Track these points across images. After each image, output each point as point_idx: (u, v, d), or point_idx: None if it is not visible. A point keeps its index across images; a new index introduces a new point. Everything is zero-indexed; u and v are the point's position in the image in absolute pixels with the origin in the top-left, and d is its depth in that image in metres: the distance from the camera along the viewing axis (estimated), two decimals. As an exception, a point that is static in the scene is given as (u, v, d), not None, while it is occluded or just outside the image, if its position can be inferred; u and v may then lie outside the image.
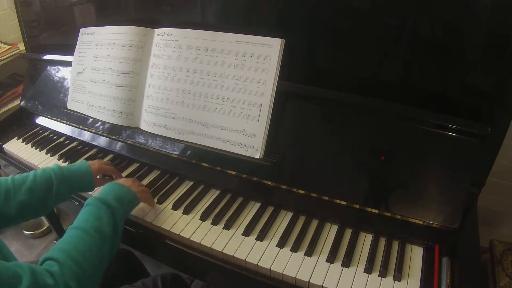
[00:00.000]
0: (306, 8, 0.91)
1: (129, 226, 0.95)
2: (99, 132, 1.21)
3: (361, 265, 0.80)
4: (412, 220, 0.82)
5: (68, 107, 1.27)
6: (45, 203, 0.86)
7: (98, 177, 0.99)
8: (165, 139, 1.06)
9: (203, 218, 0.93)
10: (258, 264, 0.81)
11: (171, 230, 0.91)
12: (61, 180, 0.88)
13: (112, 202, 0.78)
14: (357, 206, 0.87)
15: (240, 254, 0.83)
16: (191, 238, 0.88)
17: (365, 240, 0.87)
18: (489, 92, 0.82)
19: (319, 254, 0.83)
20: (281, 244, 0.85)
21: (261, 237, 0.87)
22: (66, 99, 1.28)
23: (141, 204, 0.98)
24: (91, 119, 1.21)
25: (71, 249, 0.68)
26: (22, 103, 1.45)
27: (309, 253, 0.83)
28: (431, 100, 0.85)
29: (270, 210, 0.95)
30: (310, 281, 0.77)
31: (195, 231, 0.90)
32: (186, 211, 0.96)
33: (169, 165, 1.09)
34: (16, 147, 1.32)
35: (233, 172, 0.98)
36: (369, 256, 0.81)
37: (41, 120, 1.41)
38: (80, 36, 1.24)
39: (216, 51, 0.98)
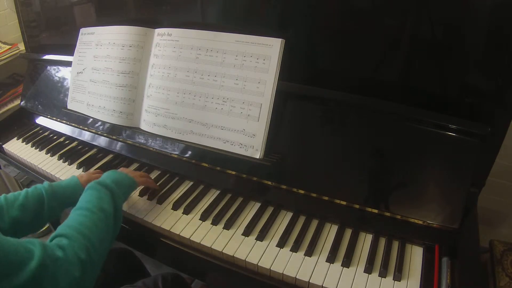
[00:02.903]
0: (306, 8, 0.91)
1: (130, 226, 0.95)
2: (99, 132, 1.21)
3: (361, 265, 0.80)
4: (412, 220, 0.82)
5: (68, 107, 1.27)
6: (37, 219, 0.89)
7: None
8: (165, 139, 1.06)
9: (203, 218, 0.93)
10: (258, 264, 0.81)
11: (171, 230, 0.91)
12: (52, 196, 0.90)
13: (111, 184, 0.82)
14: (357, 206, 0.87)
15: (240, 254, 0.83)
16: (191, 238, 0.88)
17: (365, 240, 0.87)
18: (489, 92, 0.82)
19: (319, 254, 0.83)
20: (281, 244, 0.85)
21: (261, 237, 0.87)
22: (66, 99, 1.28)
23: (141, 204, 0.99)
24: (91, 119, 1.21)
25: (78, 224, 0.72)
26: (22, 103, 1.45)
27: (309, 253, 0.83)
28: (431, 100, 0.85)
29: (270, 210, 0.95)
30: (310, 281, 0.77)
31: (195, 231, 0.90)
32: (186, 211, 0.96)
33: (169, 165, 1.09)
34: (16, 147, 1.32)
35: (233, 172, 0.98)
36: (369, 256, 0.81)
37: (41, 120, 1.41)
38: (80, 36, 1.24)
39: (216, 51, 0.98)
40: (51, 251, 0.64)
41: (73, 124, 1.28)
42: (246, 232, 0.88)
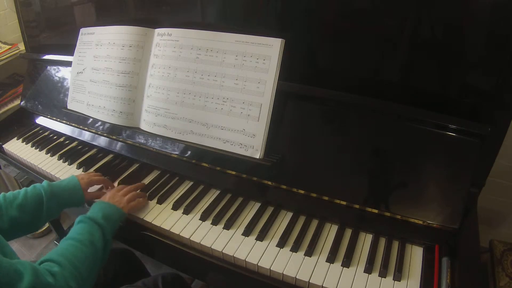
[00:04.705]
0: (306, 8, 0.91)
1: (130, 226, 0.95)
2: (99, 132, 1.21)
3: (361, 265, 0.80)
4: (412, 220, 0.82)
5: (68, 107, 1.27)
6: (36, 218, 0.89)
7: (88, 190, 1.00)
8: (165, 139, 1.06)
9: (203, 218, 0.93)
10: (258, 264, 0.81)
11: (171, 230, 0.91)
12: (51, 196, 0.90)
13: (101, 221, 0.83)
14: (357, 206, 0.87)
15: (240, 254, 0.83)
16: (191, 238, 0.88)
17: (365, 240, 0.87)
18: (489, 92, 0.82)
19: (319, 254, 0.83)
20: (281, 244, 0.85)
21: (261, 237, 0.87)
22: (66, 99, 1.28)
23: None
24: (91, 119, 1.21)
25: (70, 254, 0.73)
26: (22, 103, 1.45)
27: (309, 253, 0.83)
28: (431, 100, 0.85)
29: (270, 210, 0.95)
30: (310, 281, 0.77)
31: (195, 231, 0.90)
32: (186, 211, 0.96)
33: (169, 165, 1.09)
34: (16, 147, 1.32)
35: (233, 172, 0.98)
36: (369, 256, 0.81)
37: (41, 120, 1.41)
38: (80, 36, 1.24)
39: (216, 51, 0.98)
40: (42, 276, 0.65)
41: (73, 124, 1.28)
42: (246, 232, 0.88)
